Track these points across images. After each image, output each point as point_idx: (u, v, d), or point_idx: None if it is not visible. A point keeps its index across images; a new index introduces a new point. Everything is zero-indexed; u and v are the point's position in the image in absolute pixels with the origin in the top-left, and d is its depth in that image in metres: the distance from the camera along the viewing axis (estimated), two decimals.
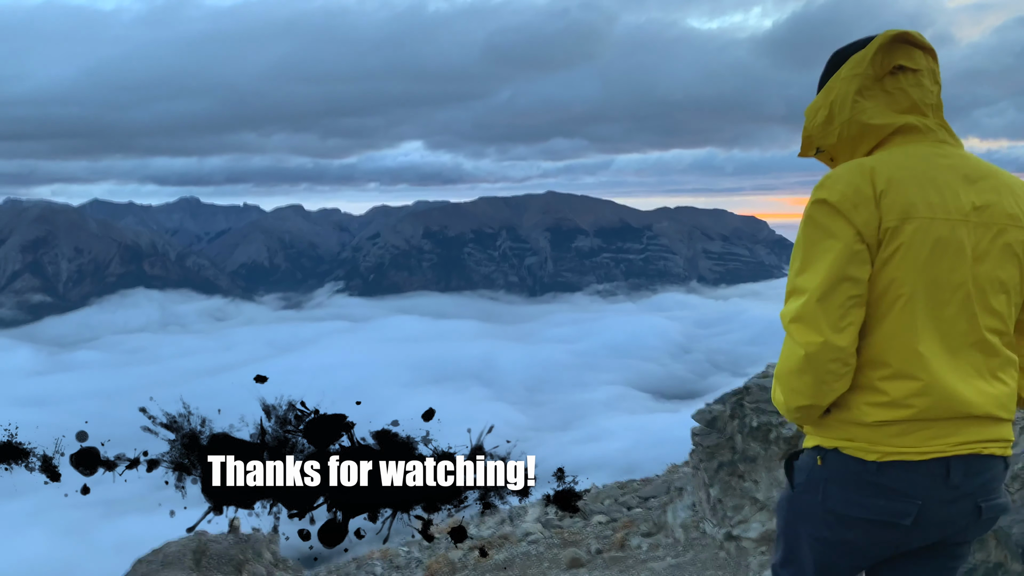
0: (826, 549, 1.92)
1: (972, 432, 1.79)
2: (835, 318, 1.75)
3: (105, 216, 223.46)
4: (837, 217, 1.75)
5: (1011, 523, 2.54)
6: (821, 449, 1.88)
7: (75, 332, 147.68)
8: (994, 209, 1.80)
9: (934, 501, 1.79)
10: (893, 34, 1.88)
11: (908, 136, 1.86)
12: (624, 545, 5.05)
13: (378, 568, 5.66)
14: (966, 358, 1.80)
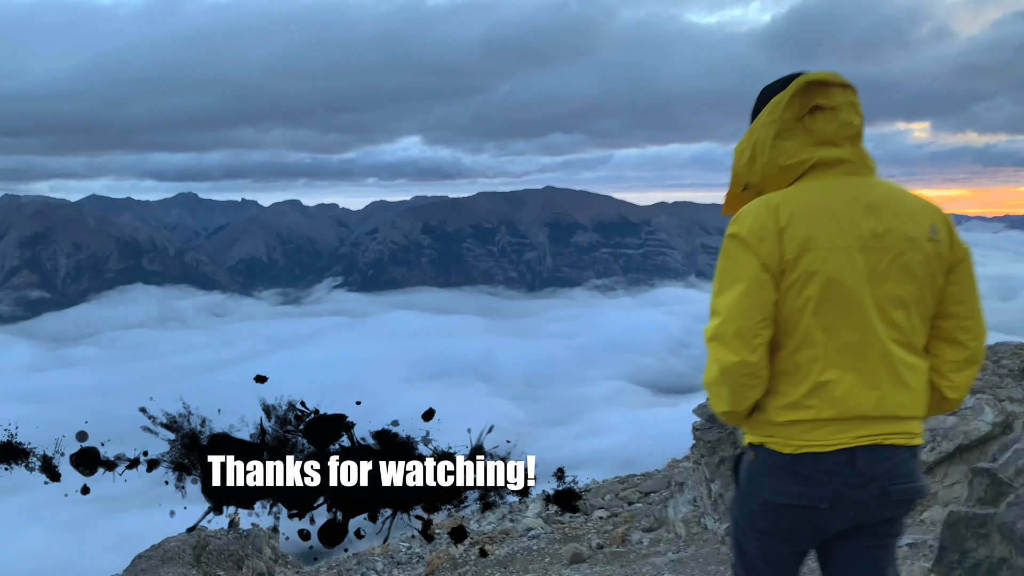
0: (768, 539, 2.19)
1: (873, 427, 2.05)
2: (748, 338, 2.04)
3: (103, 212, 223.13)
4: (745, 250, 2.05)
5: (1016, 518, 2.53)
6: (753, 445, 2.17)
7: (74, 328, 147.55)
8: (893, 233, 2.06)
9: (845, 486, 2.05)
10: (806, 80, 2.11)
11: (821, 171, 2.11)
12: (625, 540, 5.04)
13: (379, 564, 5.66)
14: (868, 367, 2.05)
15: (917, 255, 2.09)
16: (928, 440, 4.09)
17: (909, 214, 2.10)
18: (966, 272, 2.16)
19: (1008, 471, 2.77)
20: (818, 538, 2.17)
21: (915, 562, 3.25)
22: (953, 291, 2.16)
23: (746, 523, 2.23)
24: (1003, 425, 4.08)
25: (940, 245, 2.11)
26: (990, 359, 4.46)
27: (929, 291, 2.12)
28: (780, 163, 2.13)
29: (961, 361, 2.17)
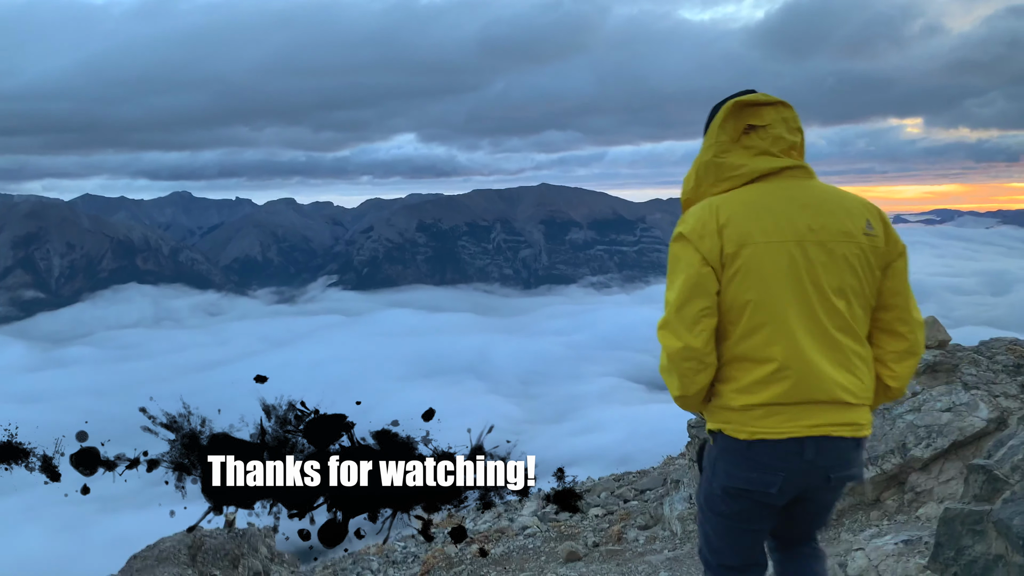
0: (728, 522, 2.41)
1: (822, 416, 2.22)
2: (688, 323, 2.22)
3: (97, 211, 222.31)
4: (688, 246, 2.25)
5: (1012, 514, 2.54)
6: (712, 432, 2.35)
7: (68, 328, 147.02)
8: (828, 228, 2.24)
9: (793, 473, 2.25)
10: (734, 103, 2.33)
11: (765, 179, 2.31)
12: (621, 538, 5.04)
13: (374, 563, 5.65)
14: (816, 354, 2.21)
15: (853, 248, 2.26)
16: (923, 436, 4.10)
17: (845, 211, 2.29)
18: (903, 267, 2.36)
19: (1004, 467, 2.77)
20: (772, 517, 2.40)
21: (911, 559, 3.26)
22: (891, 285, 2.34)
23: (708, 508, 2.43)
24: (998, 421, 4.09)
25: (876, 240, 2.29)
26: (984, 355, 4.47)
27: (868, 283, 2.29)
28: (727, 176, 2.33)
29: (902, 352, 2.36)
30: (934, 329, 4.53)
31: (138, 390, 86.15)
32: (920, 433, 4.10)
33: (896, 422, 4.18)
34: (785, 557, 2.59)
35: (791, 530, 2.52)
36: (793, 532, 2.53)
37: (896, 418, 4.20)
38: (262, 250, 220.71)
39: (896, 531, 3.60)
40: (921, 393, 4.27)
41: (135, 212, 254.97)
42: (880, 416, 4.25)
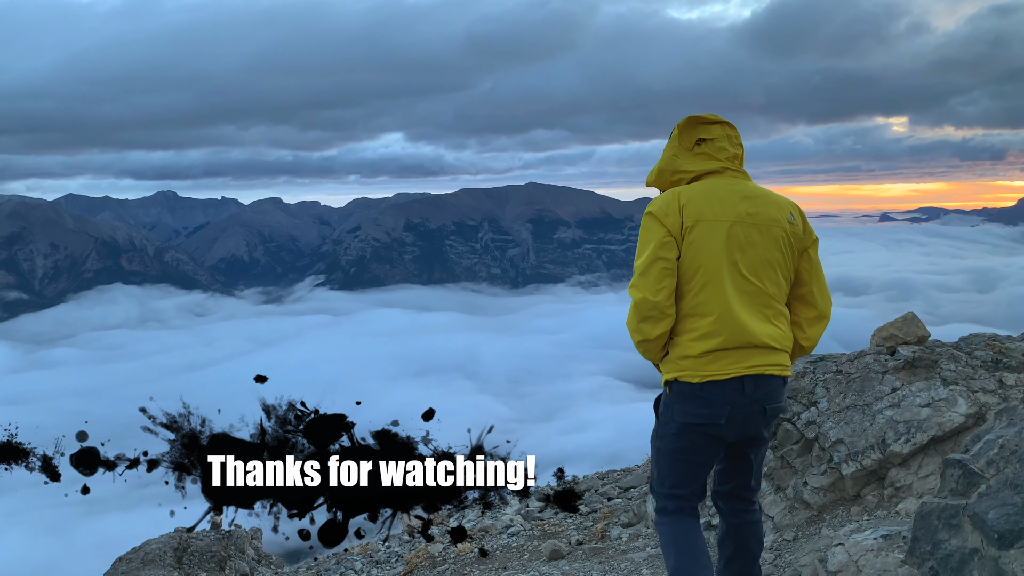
0: (682, 456, 2.95)
1: (756, 359, 2.84)
2: (652, 283, 2.83)
3: (81, 211, 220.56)
4: (656, 221, 2.90)
5: (987, 508, 2.56)
6: (668, 381, 2.94)
7: (52, 329, 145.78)
8: (762, 214, 2.91)
9: (736, 406, 2.84)
10: (687, 120, 3.02)
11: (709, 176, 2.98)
12: (604, 536, 5.06)
13: (358, 563, 5.64)
14: (748, 308, 2.85)
15: (780, 232, 2.93)
16: (903, 432, 4.14)
17: (775, 204, 2.97)
18: (814, 252, 3.04)
19: (979, 462, 2.80)
20: (719, 449, 2.98)
21: (890, 554, 3.29)
22: (805, 265, 3.01)
23: (663, 446, 3.00)
24: (976, 416, 4.14)
25: (796, 229, 2.97)
26: (963, 351, 4.52)
27: (789, 260, 2.95)
28: (686, 171, 3.02)
29: (813, 318, 3.04)
30: (913, 325, 4.57)
31: (123, 392, 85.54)
32: (899, 428, 4.14)
33: (876, 417, 4.22)
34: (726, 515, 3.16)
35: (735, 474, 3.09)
36: (737, 476, 3.09)
37: (876, 413, 4.24)
38: (248, 250, 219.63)
39: (875, 526, 3.63)
40: (900, 389, 4.31)
41: (120, 212, 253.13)
42: (860, 412, 4.29)
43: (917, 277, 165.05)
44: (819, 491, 4.24)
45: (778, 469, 4.41)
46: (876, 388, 4.33)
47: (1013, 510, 2.43)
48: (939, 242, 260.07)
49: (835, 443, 4.23)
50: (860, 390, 4.35)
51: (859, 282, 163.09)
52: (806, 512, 4.23)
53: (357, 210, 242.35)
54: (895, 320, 4.61)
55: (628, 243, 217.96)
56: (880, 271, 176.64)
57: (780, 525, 4.26)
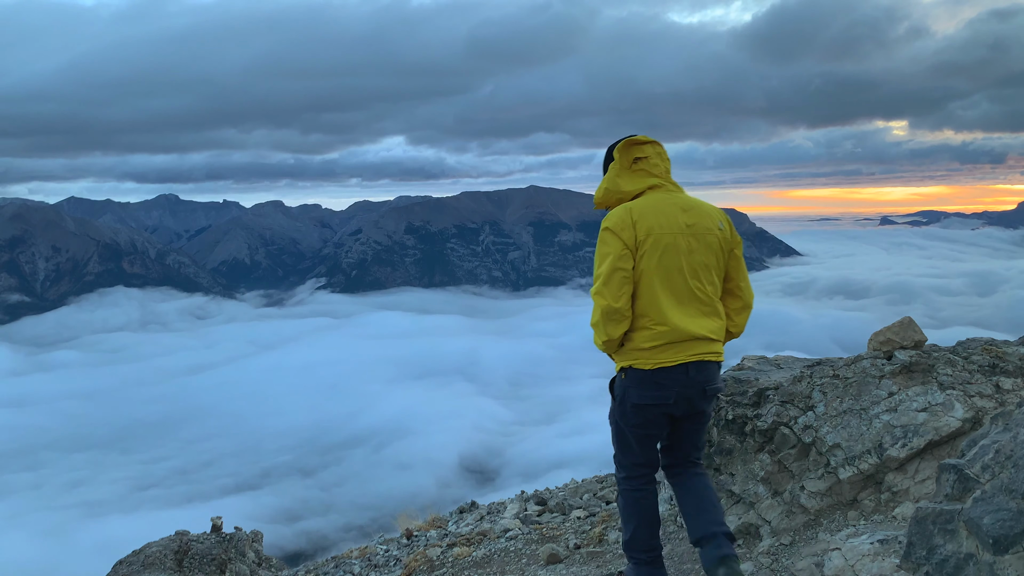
0: (640, 430, 3.56)
1: (698, 348, 3.44)
2: (614, 290, 3.37)
3: (83, 214, 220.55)
4: (613, 236, 3.43)
5: (982, 513, 2.57)
6: (623, 368, 3.51)
7: (53, 332, 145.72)
8: (699, 225, 3.49)
9: (682, 388, 3.44)
10: (624, 143, 3.59)
11: (650, 192, 3.55)
12: (602, 540, 5.06)
13: (356, 567, 5.65)
14: (691, 307, 3.45)
15: (713, 239, 3.52)
16: (899, 436, 4.14)
17: (707, 214, 3.56)
18: (739, 252, 3.67)
19: (975, 467, 2.80)
20: (667, 424, 3.59)
21: (886, 558, 3.30)
22: (733, 264, 3.64)
23: (622, 422, 3.59)
24: (973, 421, 4.14)
25: (724, 234, 3.58)
26: (960, 355, 4.52)
27: (720, 262, 3.56)
28: (625, 191, 3.59)
29: (740, 308, 3.69)
30: (909, 330, 4.57)
31: (124, 394, 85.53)
32: (896, 433, 4.15)
33: (872, 422, 4.23)
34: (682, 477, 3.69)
35: (680, 442, 3.68)
36: (682, 444, 3.68)
37: (873, 418, 4.24)
38: (250, 253, 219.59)
39: (872, 531, 3.64)
40: (897, 393, 4.31)
41: (121, 215, 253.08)
42: (857, 416, 4.29)
43: (917, 280, 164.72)
44: (816, 495, 4.24)
45: (775, 473, 4.41)
46: (873, 393, 4.34)
47: (1008, 515, 2.43)
48: (939, 245, 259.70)
49: (832, 447, 4.23)
50: (857, 394, 4.36)
51: (859, 285, 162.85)
52: (803, 516, 4.24)
53: (358, 213, 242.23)
54: (892, 324, 4.61)
55: None
56: (880, 274, 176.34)
57: (777, 529, 4.26)
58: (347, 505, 51.24)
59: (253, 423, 70.66)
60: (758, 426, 4.46)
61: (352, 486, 55.05)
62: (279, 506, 50.45)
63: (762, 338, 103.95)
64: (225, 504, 45.90)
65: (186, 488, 55.62)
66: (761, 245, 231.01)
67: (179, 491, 54.06)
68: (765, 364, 5.03)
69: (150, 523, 30.93)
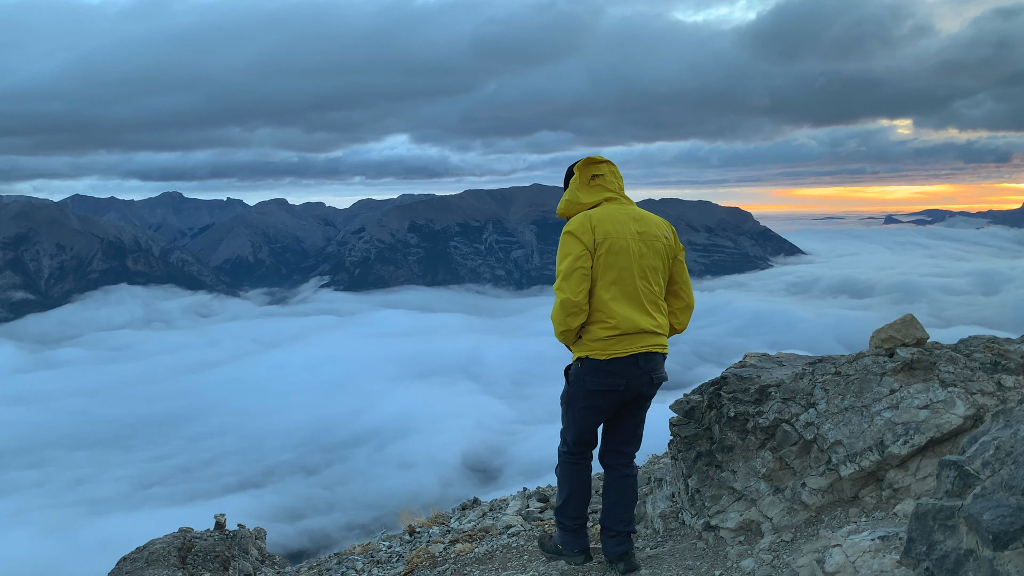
0: (588, 411, 4.11)
1: (646, 340, 3.95)
2: (574, 286, 3.86)
3: (87, 212, 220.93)
4: (575, 239, 3.91)
5: (982, 509, 2.57)
6: (580, 358, 4.03)
7: (57, 329, 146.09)
8: (648, 232, 4.02)
9: (632, 376, 3.96)
10: (584, 162, 4.15)
11: (606, 203, 4.07)
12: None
13: (359, 563, 5.66)
14: (641, 304, 3.94)
15: (660, 245, 4.04)
16: (901, 433, 4.14)
17: (655, 224, 4.10)
18: (682, 258, 4.19)
19: (975, 463, 2.80)
20: (615, 407, 4.13)
21: (887, 555, 3.30)
22: (676, 268, 4.18)
23: (572, 405, 4.14)
24: (974, 418, 4.14)
25: (669, 242, 4.12)
26: (962, 353, 4.52)
27: (665, 266, 4.09)
28: (584, 203, 4.10)
29: (682, 307, 4.24)
30: (911, 327, 4.57)
31: (128, 392, 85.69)
32: (898, 430, 4.15)
33: (874, 419, 4.23)
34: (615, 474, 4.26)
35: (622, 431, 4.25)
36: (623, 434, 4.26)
37: (874, 415, 4.25)
38: (253, 251, 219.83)
39: (873, 527, 3.64)
40: (899, 390, 4.31)
41: (125, 213, 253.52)
42: (858, 413, 4.29)
43: (922, 280, 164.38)
44: (817, 492, 4.25)
45: (776, 470, 4.42)
46: (874, 390, 4.34)
47: (1008, 511, 2.43)
48: (944, 244, 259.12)
49: (833, 444, 4.23)
50: (858, 392, 4.36)
51: (863, 284, 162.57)
52: (804, 513, 4.25)
53: (362, 211, 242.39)
54: (894, 322, 4.61)
55: None
56: (885, 273, 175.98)
57: (778, 526, 4.27)
58: (349, 504, 51.32)
59: (256, 421, 70.78)
60: (760, 423, 4.47)
61: (355, 485, 55.13)
62: (282, 504, 50.55)
63: (765, 336, 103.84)
64: (228, 502, 45.99)
65: (189, 486, 55.73)
66: (765, 244, 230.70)
67: (182, 489, 54.17)
68: (767, 361, 5.03)
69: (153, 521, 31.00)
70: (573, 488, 4.26)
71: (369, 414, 68.94)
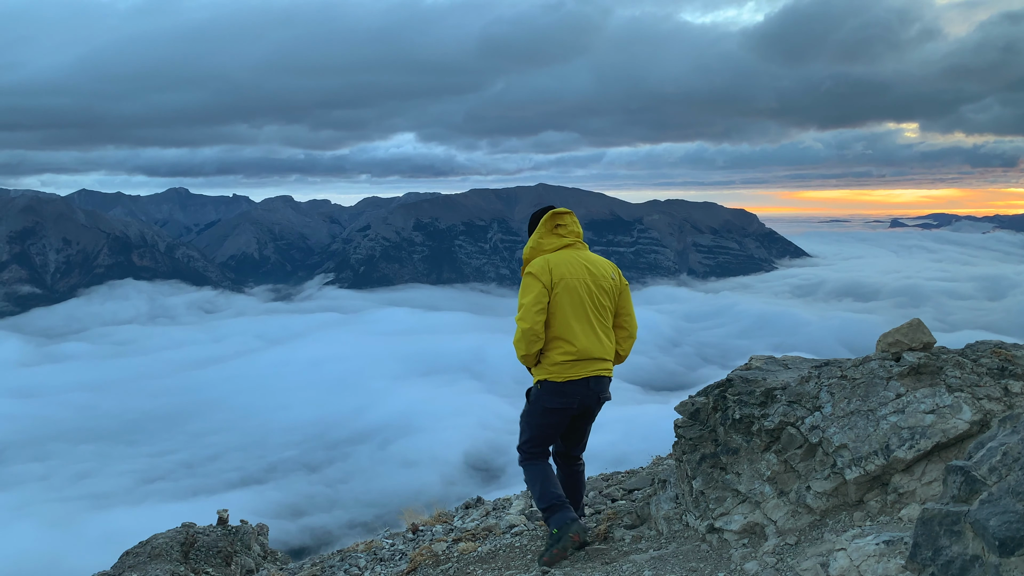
0: (545, 428, 4.85)
1: (596, 365, 4.71)
2: (533, 317, 4.58)
3: (93, 207, 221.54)
4: (535, 279, 4.67)
5: (988, 515, 2.56)
6: (540, 380, 4.76)
7: (63, 324, 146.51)
8: (598, 274, 4.81)
9: (584, 397, 4.74)
10: (550, 214, 4.91)
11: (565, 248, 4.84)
12: (607, 537, 5.07)
13: (362, 560, 5.67)
14: (591, 334, 4.68)
15: (608, 284, 4.84)
16: (906, 438, 4.13)
17: (603, 267, 4.89)
18: (627, 294, 4.99)
19: (982, 468, 2.79)
20: (565, 424, 4.88)
21: (892, 559, 3.29)
22: (621, 303, 4.95)
23: (531, 420, 4.88)
24: (981, 423, 4.12)
25: (615, 282, 4.91)
26: (969, 358, 4.50)
27: (613, 302, 4.88)
28: (546, 249, 4.84)
29: (626, 336, 4.99)
30: (918, 331, 4.56)
31: (132, 387, 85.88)
32: (903, 435, 4.13)
33: (880, 423, 4.21)
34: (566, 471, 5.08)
35: (572, 438, 5.05)
36: (573, 441, 5.07)
37: (880, 419, 4.23)
38: (259, 247, 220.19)
39: (878, 532, 3.63)
40: (905, 395, 4.30)
41: (132, 208, 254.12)
42: (864, 417, 4.28)
43: (927, 284, 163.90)
44: (822, 496, 4.24)
45: (781, 473, 4.41)
46: (880, 394, 4.32)
47: (1015, 517, 2.43)
48: (950, 249, 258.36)
49: (839, 448, 4.22)
50: (864, 395, 4.34)
51: (869, 288, 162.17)
52: (809, 516, 4.23)
53: (367, 209, 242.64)
54: (900, 326, 4.60)
55: (637, 245, 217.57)
56: (890, 277, 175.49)
57: (783, 529, 4.26)
58: (352, 501, 51.37)
59: (259, 417, 70.88)
60: (765, 426, 4.46)
61: (357, 482, 55.18)
62: (284, 501, 50.61)
63: (770, 339, 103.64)
64: (230, 498, 46.04)
65: (192, 481, 55.83)
66: (770, 246, 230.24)
67: (185, 484, 54.27)
68: (773, 364, 5.02)
69: (156, 515, 31.04)
70: (542, 477, 4.87)
71: (372, 412, 68.99)
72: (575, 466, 5.10)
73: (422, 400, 70.50)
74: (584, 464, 5.21)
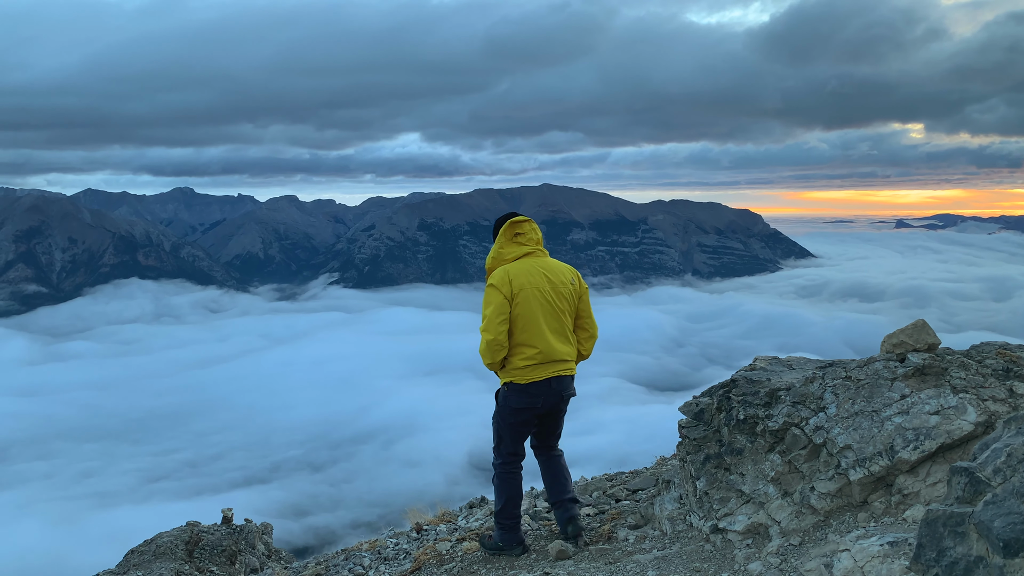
0: (515, 426, 5.05)
1: (558, 366, 4.97)
2: (496, 327, 4.83)
3: (99, 206, 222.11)
4: (496, 290, 4.89)
5: (992, 516, 2.56)
6: (506, 383, 4.99)
7: (68, 323, 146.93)
8: (557, 280, 5.04)
9: (548, 395, 4.98)
10: (509, 221, 5.17)
11: (525, 256, 5.05)
12: (611, 537, 5.08)
13: (366, 559, 5.68)
14: (553, 337, 4.93)
15: (567, 290, 5.04)
16: (911, 439, 4.12)
17: (562, 272, 5.10)
18: (586, 298, 5.19)
19: (986, 470, 2.79)
20: (535, 423, 5.12)
21: (896, 560, 3.29)
22: (582, 306, 5.16)
23: (502, 421, 5.07)
24: (986, 424, 4.11)
25: (575, 287, 5.11)
26: (974, 359, 4.50)
27: (573, 306, 5.08)
28: (507, 258, 5.05)
29: (587, 337, 5.20)
30: (923, 332, 4.55)
31: (138, 385, 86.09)
32: (908, 436, 4.12)
33: (884, 424, 4.20)
34: (545, 458, 5.29)
35: (545, 432, 5.25)
36: (547, 434, 5.26)
37: (884, 420, 4.22)
38: (264, 247, 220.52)
39: (882, 533, 3.62)
40: (910, 396, 4.29)
41: (137, 207, 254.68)
42: (869, 418, 4.27)
43: (933, 284, 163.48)
44: (826, 496, 4.23)
45: (785, 474, 4.40)
46: (885, 395, 4.32)
47: (1019, 519, 2.42)
48: (955, 249, 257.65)
49: (843, 449, 4.22)
50: (869, 396, 4.34)
51: (874, 289, 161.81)
52: (813, 517, 4.23)
53: (372, 209, 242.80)
54: (905, 327, 4.59)
55: (641, 246, 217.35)
56: (895, 278, 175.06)
57: (786, 530, 4.25)
58: (355, 501, 51.41)
59: (264, 417, 70.98)
60: (769, 426, 4.45)
61: (361, 482, 55.22)
62: (288, 500, 50.68)
63: (774, 339, 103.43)
64: (234, 497, 46.12)
65: (196, 480, 55.93)
66: (775, 247, 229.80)
67: (189, 483, 54.37)
68: (777, 365, 5.02)
69: (160, 514, 31.08)
70: (510, 494, 5.06)
71: (376, 411, 69.04)
72: (553, 453, 5.32)
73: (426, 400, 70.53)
74: (562, 452, 5.41)
